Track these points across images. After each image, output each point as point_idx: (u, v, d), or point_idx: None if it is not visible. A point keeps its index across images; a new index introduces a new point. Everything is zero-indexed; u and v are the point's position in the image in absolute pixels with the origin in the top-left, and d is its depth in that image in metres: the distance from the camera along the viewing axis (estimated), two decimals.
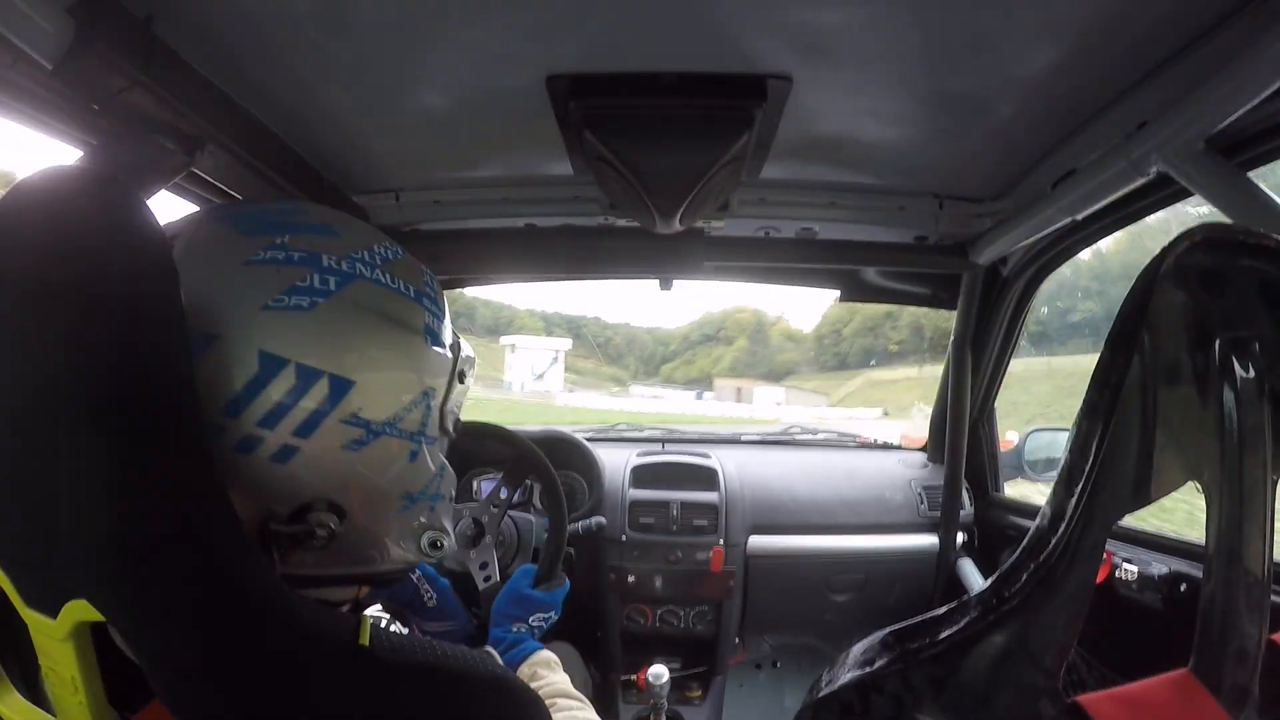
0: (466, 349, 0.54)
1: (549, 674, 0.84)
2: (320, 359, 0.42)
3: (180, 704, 0.37)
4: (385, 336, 0.45)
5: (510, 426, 1.30)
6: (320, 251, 0.44)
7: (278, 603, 0.38)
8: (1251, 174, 0.80)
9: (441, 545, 0.52)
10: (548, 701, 0.68)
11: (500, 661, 0.54)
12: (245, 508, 0.40)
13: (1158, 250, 0.37)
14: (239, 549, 0.37)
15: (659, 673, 1.39)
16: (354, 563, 0.49)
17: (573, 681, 0.83)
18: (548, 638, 1.01)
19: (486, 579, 1.09)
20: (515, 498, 1.31)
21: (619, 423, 2.16)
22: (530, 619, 0.95)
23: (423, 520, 0.51)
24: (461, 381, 0.53)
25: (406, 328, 0.47)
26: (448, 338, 0.52)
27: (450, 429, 0.53)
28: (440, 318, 0.51)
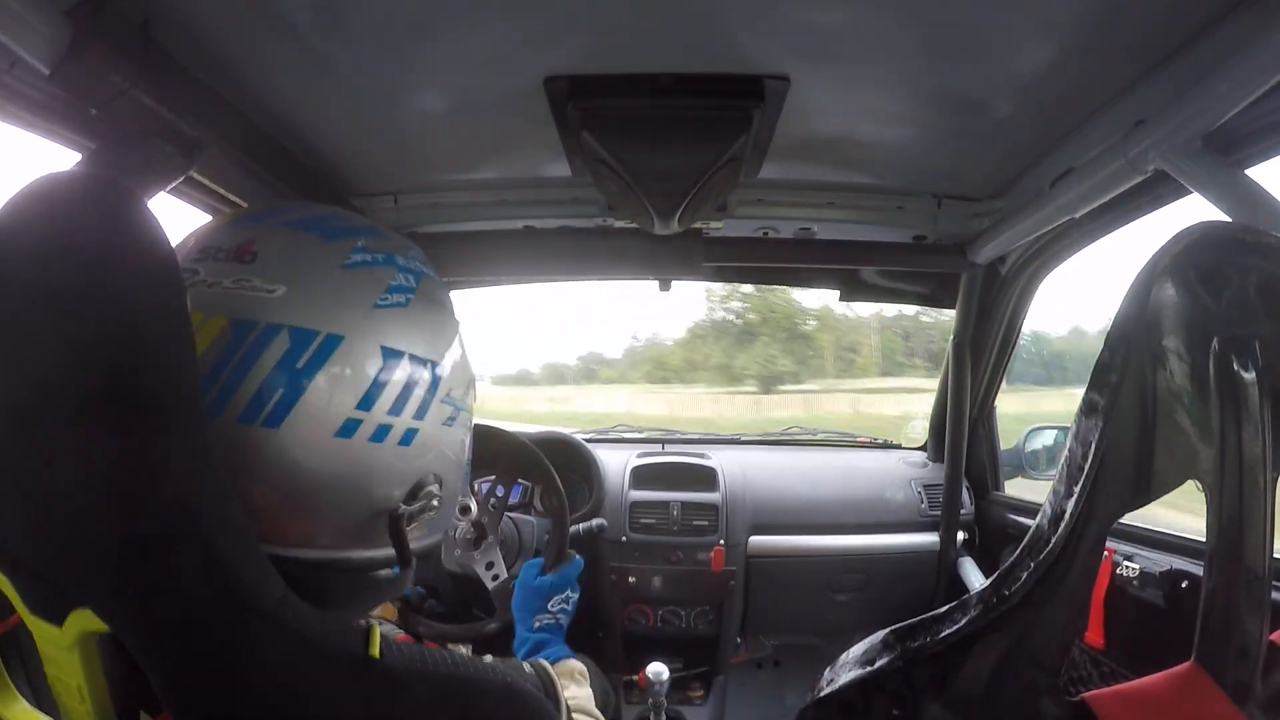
0: None
1: (573, 687, 0.82)
2: (424, 348, 0.47)
3: (186, 714, 0.36)
4: (453, 326, 0.52)
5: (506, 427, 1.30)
6: (393, 253, 0.48)
7: (284, 614, 0.37)
8: (1249, 171, 0.80)
9: (470, 508, 0.62)
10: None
11: (513, 667, 0.54)
12: (372, 499, 0.45)
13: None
14: (246, 558, 0.37)
15: (658, 670, 1.39)
16: (442, 529, 0.53)
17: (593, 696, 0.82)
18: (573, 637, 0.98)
19: (495, 578, 1.09)
20: (514, 498, 1.31)
21: (617, 424, 2.16)
22: (549, 605, 0.93)
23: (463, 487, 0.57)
24: None
25: (456, 316, 0.53)
26: None
27: None
28: None
